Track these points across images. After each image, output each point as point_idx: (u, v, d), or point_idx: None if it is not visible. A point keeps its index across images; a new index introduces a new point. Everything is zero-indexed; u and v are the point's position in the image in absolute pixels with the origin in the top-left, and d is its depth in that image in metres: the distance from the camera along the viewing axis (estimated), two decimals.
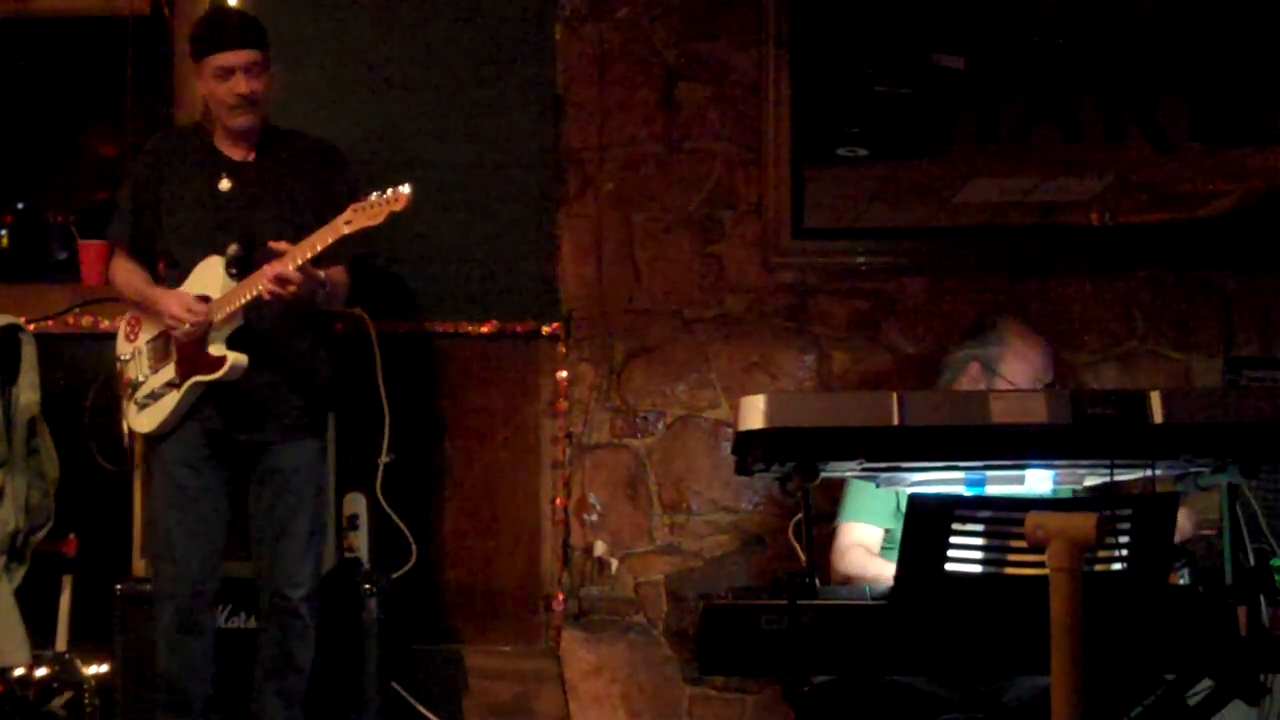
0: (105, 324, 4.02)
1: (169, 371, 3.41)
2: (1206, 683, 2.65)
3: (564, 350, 4.03)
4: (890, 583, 3.04)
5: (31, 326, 3.87)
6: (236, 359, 3.32)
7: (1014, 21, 3.98)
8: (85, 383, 4.03)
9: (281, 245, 3.25)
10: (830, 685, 2.76)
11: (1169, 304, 3.99)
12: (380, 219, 3.16)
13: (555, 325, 4.02)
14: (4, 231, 4.30)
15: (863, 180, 4.01)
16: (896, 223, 4.01)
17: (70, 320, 4.05)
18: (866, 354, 4.01)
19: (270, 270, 3.22)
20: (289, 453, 3.44)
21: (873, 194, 4.01)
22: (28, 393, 3.73)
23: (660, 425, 4.03)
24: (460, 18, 4.05)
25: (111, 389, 3.79)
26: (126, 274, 3.52)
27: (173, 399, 3.38)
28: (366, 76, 4.06)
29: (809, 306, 4.02)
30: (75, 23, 4.23)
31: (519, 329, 4.03)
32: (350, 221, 3.18)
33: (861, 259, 4.01)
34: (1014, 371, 3.29)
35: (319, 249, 3.22)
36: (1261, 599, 2.51)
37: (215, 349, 3.33)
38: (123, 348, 3.55)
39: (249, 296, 3.27)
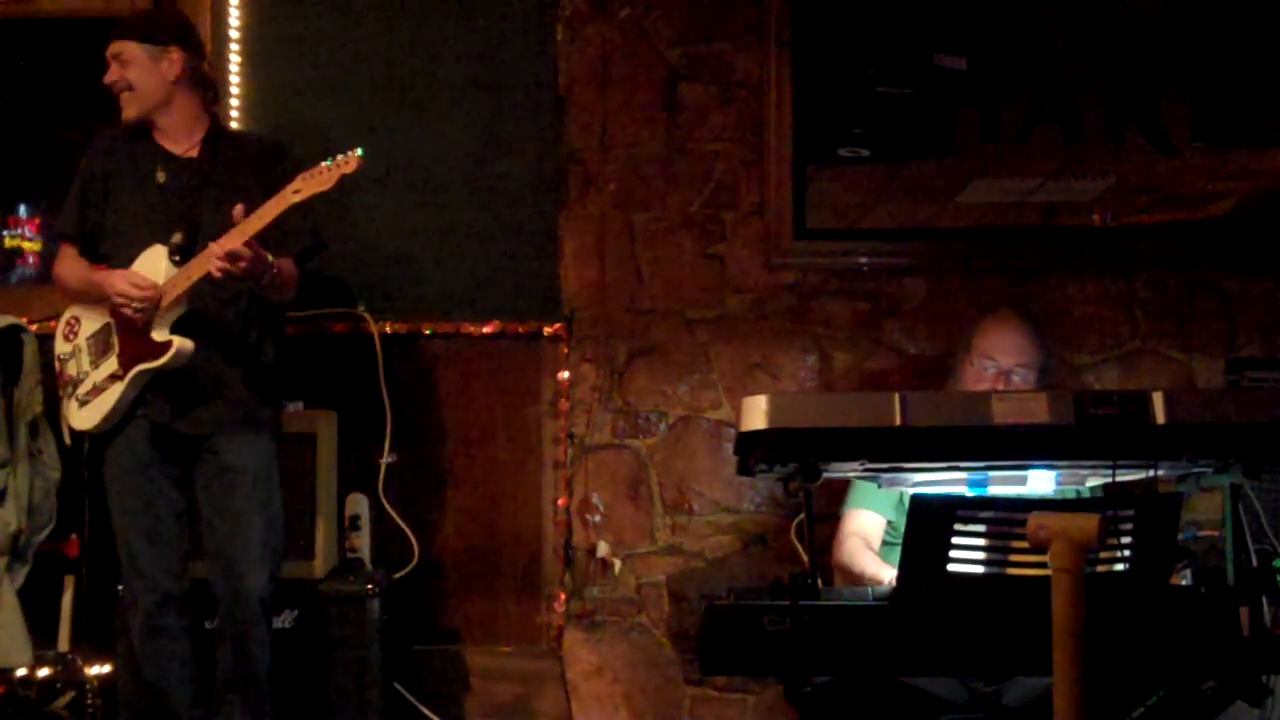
0: None
1: (111, 364, 3.32)
2: (1209, 684, 2.66)
3: (566, 351, 4.03)
4: (879, 577, 3.05)
5: (34, 327, 3.87)
6: (182, 343, 3.23)
7: (1015, 22, 3.98)
8: None
9: (238, 211, 3.17)
10: (832, 686, 2.75)
11: (1171, 305, 3.99)
12: (331, 184, 3.12)
13: (557, 326, 4.02)
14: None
15: (864, 181, 4.00)
16: (898, 223, 4.01)
17: None
18: (868, 354, 4.01)
19: (219, 246, 3.14)
20: (236, 449, 3.34)
21: (875, 195, 4.01)
22: (30, 393, 3.73)
23: (662, 426, 4.03)
24: (462, 18, 4.05)
25: None
26: (69, 265, 3.45)
27: (116, 391, 3.29)
28: (368, 77, 4.06)
29: (811, 307, 4.02)
30: (76, 24, 4.22)
31: (521, 329, 4.03)
32: (299, 190, 3.14)
33: (863, 259, 4.01)
34: (978, 347, 3.35)
35: (267, 220, 3.15)
36: (1264, 599, 2.51)
37: (159, 335, 3.25)
38: (61, 346, 3.46)
39: (198, 275, 3.20)
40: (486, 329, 4.02)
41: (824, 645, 2.48)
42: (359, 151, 3.11)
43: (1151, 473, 2.68)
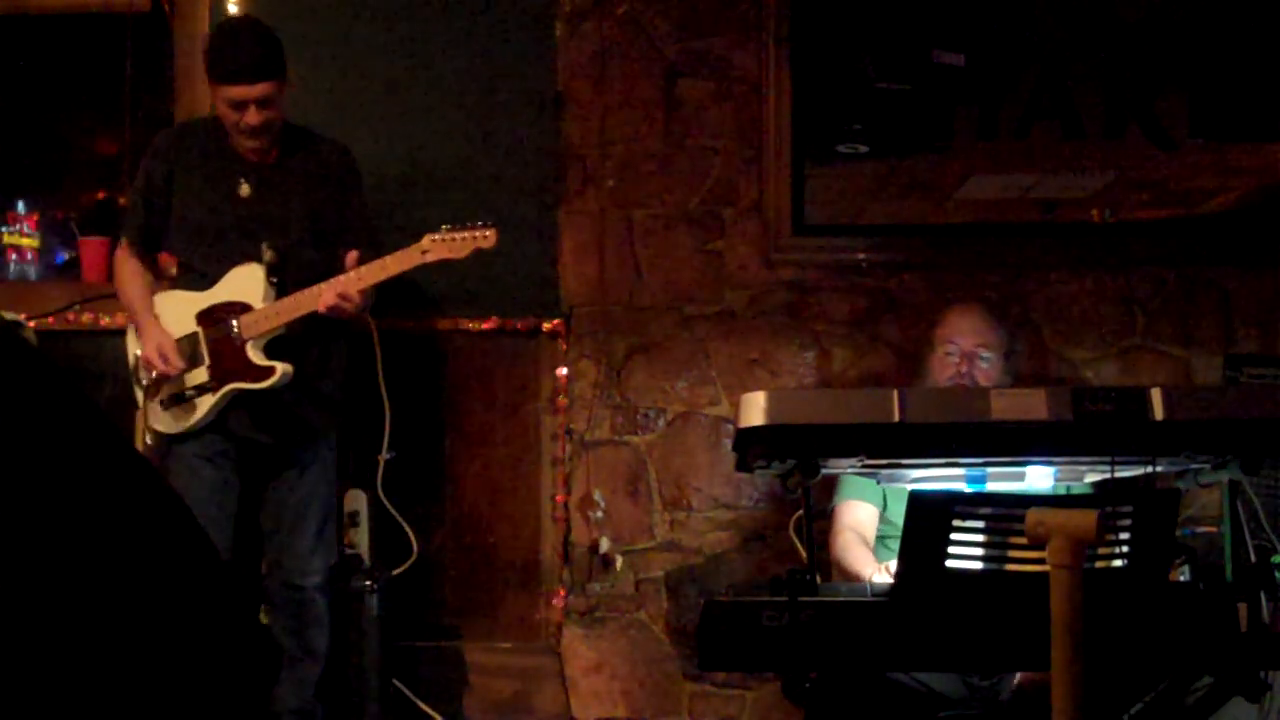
0: (106, 321, 4.03)
1: (200, 375, 3.37)
2: (1207, 679, 2.66)
3: (564, 347, 4.03)
4: (870, 576, 3.05)
5: (32, 324, 3.87)
6: (285, 369, 3.32)
7: (1014, 18, 3.97)
8: (85, 380, 4.04)
9: (352, 257, 3.28)
10: (831, 682, 2.76)
11: (1169, 301, 3.99)
12: (464, 254, 3.23)
13: (556, 322, 4.02)
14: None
15: (863, 177, 4.00)
16: (897, 219, 4.01)
17: (71, 318, 4.05)
18: (867, 351, 4.01)
19: (332, 290, 3.24)
20: (305, 446, 3.50)
21: (873, 191, 4.00)
22: None
23: (661, 422, 4.03)
24: (461, 15, 4.05)
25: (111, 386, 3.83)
26: (129, 276, 3.48)
27: (206, 403, 3.37)
28: (367, 75, 4.06)
29: (809, 303, 4.02)
30: (75, 20, 4.23)
31: (520, 326, 4.03)
32: (427, 251, 3.24)
33: (862, 256, 4.01)
34: (939, 336, 3.46)
35: (390, 274, 3.28)
36: (1262, 595, 2.51)
37: (258, 357, 3.33)
38: (136, 345, 3.49)
39: (306, 309, 3.29)
40: (485, 325, 4.02)
41: (822, 641, 2.48)
42: (493, 229, 3.22)
43: (1150, 469, 2.68)
